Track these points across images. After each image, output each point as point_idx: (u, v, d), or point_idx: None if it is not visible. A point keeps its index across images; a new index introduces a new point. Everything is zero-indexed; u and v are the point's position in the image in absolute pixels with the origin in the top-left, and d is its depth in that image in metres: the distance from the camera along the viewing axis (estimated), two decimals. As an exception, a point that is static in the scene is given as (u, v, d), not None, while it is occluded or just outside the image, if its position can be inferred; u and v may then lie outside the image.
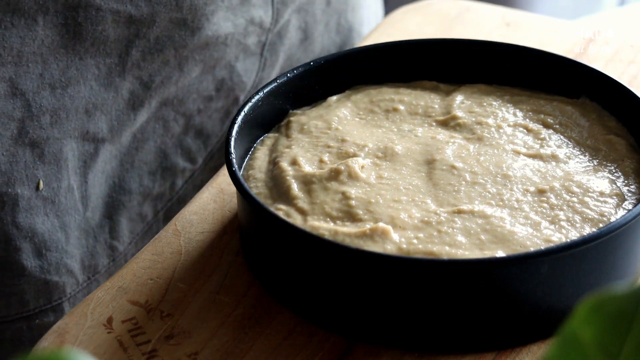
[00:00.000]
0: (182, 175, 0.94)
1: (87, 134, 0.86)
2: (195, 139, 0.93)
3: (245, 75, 0.94)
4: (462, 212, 0.68)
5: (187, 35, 0.87)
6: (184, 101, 0.91)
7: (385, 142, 0.75)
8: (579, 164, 0.73)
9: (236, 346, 0.66)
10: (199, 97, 0.91)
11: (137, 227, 0.92)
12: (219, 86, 0.92)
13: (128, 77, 0.86)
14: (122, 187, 0.90)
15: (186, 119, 0.92)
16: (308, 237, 0.65)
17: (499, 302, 0.64)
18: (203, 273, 0.71)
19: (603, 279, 0.66)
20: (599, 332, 0.41)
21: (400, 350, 0.66)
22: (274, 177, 0.73)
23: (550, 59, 0.80)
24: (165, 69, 0.88)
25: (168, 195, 0.93)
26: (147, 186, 0.91)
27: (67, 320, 0.68)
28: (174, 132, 0.91)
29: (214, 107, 0.93)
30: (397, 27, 0.98)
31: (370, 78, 0.82)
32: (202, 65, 0.90)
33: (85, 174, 0.87)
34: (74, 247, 0.87)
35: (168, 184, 0.93)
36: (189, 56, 0.88)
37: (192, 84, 0.90)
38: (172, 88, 0.89)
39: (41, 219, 0.85)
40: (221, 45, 0.90)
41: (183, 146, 0.93)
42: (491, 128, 0.76)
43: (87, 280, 0.89)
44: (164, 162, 0.92)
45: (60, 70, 0.82)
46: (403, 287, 0.64)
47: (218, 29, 0.88)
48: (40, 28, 0.80)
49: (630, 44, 0.95)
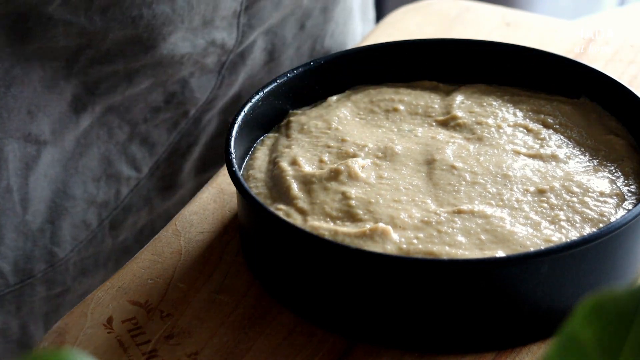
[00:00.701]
0: (127, 184, 0.91)
1: (29, 135, 0.84)
2: (140, 147, 0.91)
3: (199, 91, 0.91)
4: (462, 212, 0.68)
5: (140, 52, 0.85)
6: (130, 109, 0.88)
7: (385, 142, 0.75)
8: (579, 164, 0.73)
9: (236, 346, 0.66)
10: (147, 107, 0.89)
11: (80, 234, 0.90)
12: (169, 99, 0.90)
13: (73, 80, 0.84)
14: (65, 193, 0.88)
15: (131, 126, 0.89)
16: (308, 237, 0.65)
17: (499, 302, 0.64)
18: (203, 273, 0.71)
19: (603, 279, 0.66)
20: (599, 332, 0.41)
21: (400, 350, 0.66)
22: (273, 177, 0.73)
23: (550, 59, 0.80)
24: (113, 78, 0.85)
25: (113, 203, 0.91)
26: (91, 193, 0.89)
27: (67, 320, 0.68)
28: (118, 139, 0.89)
29: (161, 118, 0.90)
30: (397, 27, 0.98)
31: (370, 78, 0.82)
32: (153, 79, 0.87)
33: (26, 176, 0.85)
34: (8, 248, 0.86)
35: (113, 192, 0.91)
36: (140, 70, 0.86)
37: (140, 94, 0.88)
38: (118, 97, 0.87)
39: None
40: (176, 64, 0.87)
41: (128, 154, 0.90)
42: (491, 128, 0.76)
43: (20, 283, 0.87)
44: (108, 169, 0.90)
45: (4, 70, 0.80)
46: (403, 287, 0.64)
47: (174, 48, 0.86)
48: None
49: (630, 44, 0.95)
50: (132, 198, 0.92)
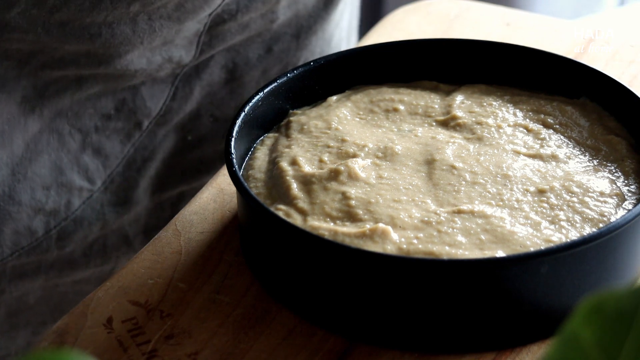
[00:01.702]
0: (79, 195, 0.89)
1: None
2: (93, 157, 0.89)
3: (150, 101, 0.89)
4: (462, 212, 0.68)
5: (93, 64, 0.83)
6: (80, 115, 0.87)
7: (385, 142, 0.75)
8: (579, 164, 0.73)
9: (236, 346, 0.66)
10: (96, 114, 0.88)
11: (22, 241, 0.88)
12: (119, 106, 0.88)
13: (22, 82, 0.83)
14: (11, 197, 0.86)
15: (82, 135, 0.88)
16: (308, 237, 0.65)
17: (499, 302, 0.64)
18: (203, 273, 0.71)
19: (603, 279, 0.66)
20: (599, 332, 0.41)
21: (400, 350, 0.66)
22: (273, 177, 0.73)
23: (550, 59, 0.80)
24: (62, 82, 0.84)
25: (63, 213, 0.89)
26: (40, 200, 0.87)
27: (67, 320, 0.68)
28: (70, 148, 0.87)
29: (112, 127, 0.89)
30: (397, 27, 0.98)
31: (370, 78, 0.82)
32: (102, 85, 0.86)
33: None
34: None
35: (63, 202, 0.89)
36: (90, 77, 0.85)
37: (89, 99, 0.86)
38: (66, 100, 0.85)
39: None
40: (129, 77, 0.86)
41: (80, 163, 0.88)
42: (491, 128, 0.76)
43: None
44: (60, 177, 0.88)
45: None
46: (403, 287, 0.64)
47: (129, 64, 0.85)
48: None
49: (630, 44, 0.95)
50: (84, 210, 0.90)
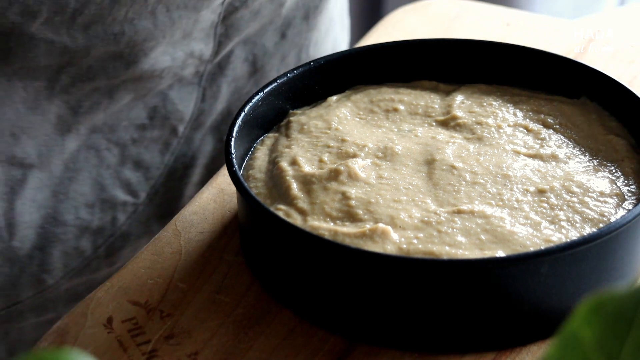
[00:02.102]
0: (123, 210, 0.89)
1: (13, 158, 0.82)
2: (134, 171, 0.89)
3: (181, 104, 0.90)
4: (462, 212, 0.68)
5: (121, 67, 0.83)
6: (115, 129, 0.87)
7: (385, 142, 0.75)
8: (579, 164, 0.73)
9: (236, 346, 0.66)
10: (131, 125, 0.88)
11: (72, 262, 0.88)
12: (152, 114, 0.88)
13: (55, 101, 0.83)
14: (55, 219, 0.86)
15: (120, 148, 0.88)
16: (308, 237, 0.65)
17: (499, 302, 0.64)
18: (203, 273, 0.71)
19: (603, 279, 0.66)
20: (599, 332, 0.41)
21: (400, 350, 0.66)
22: (273, 177, 0.73)
23: (550, 59, 0.80)
24: (94, 95, 0.84)
25: (109, 230, 0.89)
26: (85, 219, 0.87)
27: (67, 320, 0.68)
28: (109, 163, 0.87)
29: (149, 137, 0.89)
30: (397, 27, 0.98)
31: (370, 78, 0.82)
32: (133, 93, 0.86)
33: (12, 201, 0.83)
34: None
35: (108, 218, 0.89)
36: (121, 85, 0.85)
37: (121, 110, 0.87)
38: (100, 114, 0.85)
39: None
40: (156, 78, 0.86)
41: (121, 178, 0.88)
42: (491, 128, 0.76)
43: (6, 308, 0.86)
44: (102, 194, 0.88)
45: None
46: (403, 287, 0.64)
47: (155, 63, 0.85)
48: None
49: (630, 44, 0.95)
50: (130, 225, 0.90)
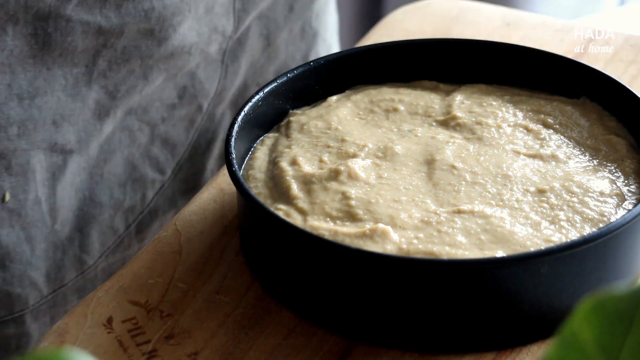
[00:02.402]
0: (152, 187, 0.92)
1: (55, 145, 0.84)
2: (162, 148, 0.92)
3: (207, 83, 0.93)
4: (462, 212, 0.68)
5: (154, 46, 0.86)
6: (148, 110, 0.90)
7: (385, 142, 0.75)
8: (579, 164, 0.73)
9: (236, 346, 0.66)
10: (162, 105, 0.90)
11: (108, 241, 0.90)
12: (182, 94, 0.91)
13: (94, 86, 0.85)
14: (92, 200, 0.88)
15: (151, 128, 0.90)
16: (308, 237, 0.65)
17: (499, 302, 0.64)
18: (203, 273, 0.71)
19: (603, 279, 0.66)
20: (599, 332, 0.41)
21: (400, 350, 0.66)
22: (274, 177, 0.73)
23: (550, 59, 0.80)
24: (130, 78, 0.87)
25: (139, 207, 0.92)
26: (118, 198, 0.90)
27: (67, 320, 0.68)
28: (140, 143, 0.90)
29: (177, 116, 0.92)
30: (397, 27, 0.98)
31: (370, 78, 0.82)
32: (165, 73, 0.89)
33: (53, 187, 0.85)
34: (40, 259, 0.86)
35: (138, 196, 0.92)
36: (154, 65, 0.87)
37: (155, 92, 0.89)
38: (136, 97, 0.88)
39: (6, 230, 0.84)
40: (185, 55, 0.89)
41: (151, 156, 0.91)
42: (491, 128, 0.76)
43: (52, 292, 0.88)
44: (133, 173, 0.90)
45: (28, 81, 0.81)
46: (403, 287, 0.64)
47: (184, 39, 0.88)
48: (10, 38, 0.79)
49: (630, 44, 0.95)
50: (157, 201, 0.93)
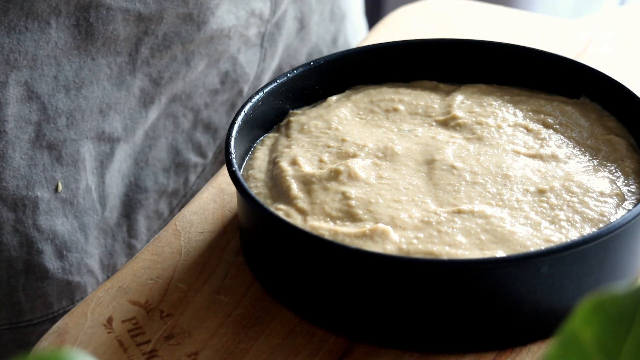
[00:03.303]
0: (194, 171, 0.94)
1: (102, 134, 0.86)
2: (204, 133, 0.94)
3: (248, 67, 0.94)
4: (462, 212, 0.68)
5: (194, 30, 0.88)
6: (192, 96, 0.91)
7: (385, 142, 0.75)
8: (579, 164, 0.73)
9: (236, 346, 0.66)
10: (205, 91, 0.92)
11: (153, 225, 0.93)
12: (224, 79, 0.93)
13: (138, 74, 0.87)
14: (138, 186, 0.91)
15: (194, 113, 0.92)
16: (308, 237, 0.65)
17: (499, 302, 0.64)
18: (203, 273, 0.71)
19: (603, 279, 0.66)
20: (599, 332, 0.41)
21: (400, 350, 0.66)
22: (274, 177, 0.73)
23: (550, 59, 0.80)
24: (173, 65, 0.89)
25: (182, 191, 0.94)
26: (162, 183, 0.92)
27: (67, 320, 0.68)
28: (183, 128, 0.92)
29: (219, 100, 0.94)
30: (397, 27, 0.98)
31: (370, 78, 0.82)
32: (207, 59, 0.90)
33: (102, 174, 0.88)
34: (93, 247, 0.88)
35: (182, 180, 0.94)
36: (195, 51, 0.89)
37: (198, 78, 0.91)
38: (179, 83, 0.90)
39: (61, 220, 0.86)
40: (225, 38, 0.91)
41: (193, 141, 0.93)
42: (491, 128, 0.76)
43: (107, 279, 0.89)
44: (177, 158, 0.93)
45: (74, 72, 0.83)
46: (403, 287, 0.64)
47: (222, 22, 0.89)
48: (54, 30, 0.81)
49: (630, 44, 0.95)
50: (199, 184, 0.95)
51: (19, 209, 0.84)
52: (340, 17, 1.04)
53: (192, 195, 0.95)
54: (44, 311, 0.87)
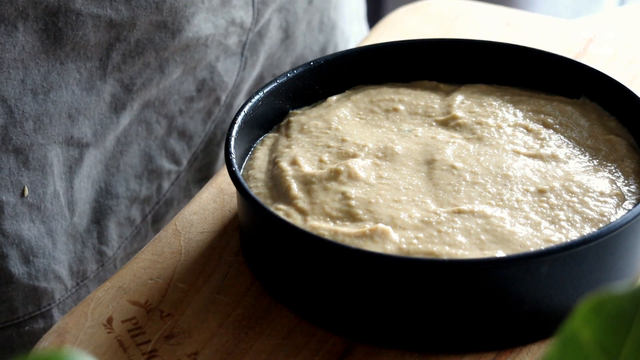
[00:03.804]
0: (167, 178, 0.93)
1: (71, 139, 0.85)
2: (178, 140, 0.93)
3: (226, 75, 0.93)
4: (462, 212, 0.68)
5: (168, 38, 0.86)
6: (166, 102, 0.90)
7: (385, 142, 0.75)
8: (579, 164, 0.73)
9: (236, 346, 0.66)
10: (180, 98, 0.91)
11: (125, 232, 0.91)
12: (200, 87, 0.92)
13: (109, 80, 0.86)
14: (108, 192, 0.90)
15: (168, 120, 0.91)
16: (308, 237, 0.65)
17: (499, 302, 0.64)
18: (203, 273, 0.71)
19: (603, 279, 0.66)
20: (599, 332, 0.41)
21: (400, 350, 0.66)
22: (273, 177, 0.73)
23: (550, 59, 0.80)
24: (146, 71, 0.87)
25: (155, 198, 0.93)
26: (134, 190, 0.91)
27: (67, 320, 0.68)
28: (157, 134, 0.91)
29: (195, 108, 0.93)
30: (397, 27, 0.98)
31: (370, 78, 0.82)
32: (183, 66, 0.89)
33: (70, 180, 0.86)
34: (62, 252, 0.87)
35: (154, 187, 0.93)
36: (170, 58, 0.88)
37: (173, 85, 0.90)
38: (153, 90, 0.89)
39: (27, 225, 0.84)
40: (202, 47, 0.89)
41: (167, 148, 0.92)
42: (491, 128, 0.76)
43: (76, 285, 0.89)
44: (149, 164, 0.91)
45: (42, 76, 0.82)
46: (403, 287, 0.64)
47: (199, 30, 0.88)
48: (21, 34, 0.80)
49: (630, 44, 0.95)
50: (172, 191, 0.94)
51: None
52: (330, 27, 1.02)
53: (166, 202, 0.94)
54: (8, 316, 0.85)
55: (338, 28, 1.04)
